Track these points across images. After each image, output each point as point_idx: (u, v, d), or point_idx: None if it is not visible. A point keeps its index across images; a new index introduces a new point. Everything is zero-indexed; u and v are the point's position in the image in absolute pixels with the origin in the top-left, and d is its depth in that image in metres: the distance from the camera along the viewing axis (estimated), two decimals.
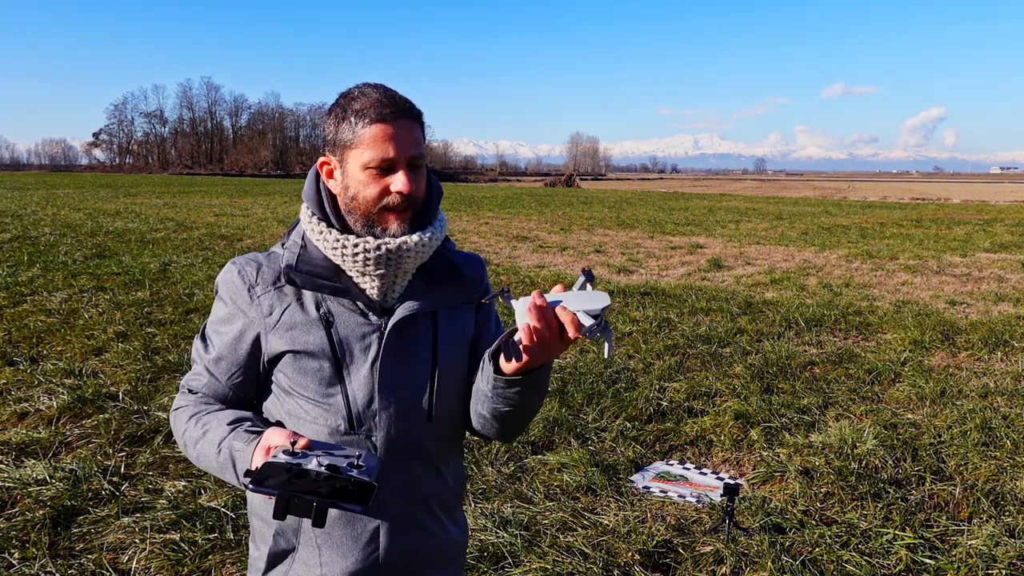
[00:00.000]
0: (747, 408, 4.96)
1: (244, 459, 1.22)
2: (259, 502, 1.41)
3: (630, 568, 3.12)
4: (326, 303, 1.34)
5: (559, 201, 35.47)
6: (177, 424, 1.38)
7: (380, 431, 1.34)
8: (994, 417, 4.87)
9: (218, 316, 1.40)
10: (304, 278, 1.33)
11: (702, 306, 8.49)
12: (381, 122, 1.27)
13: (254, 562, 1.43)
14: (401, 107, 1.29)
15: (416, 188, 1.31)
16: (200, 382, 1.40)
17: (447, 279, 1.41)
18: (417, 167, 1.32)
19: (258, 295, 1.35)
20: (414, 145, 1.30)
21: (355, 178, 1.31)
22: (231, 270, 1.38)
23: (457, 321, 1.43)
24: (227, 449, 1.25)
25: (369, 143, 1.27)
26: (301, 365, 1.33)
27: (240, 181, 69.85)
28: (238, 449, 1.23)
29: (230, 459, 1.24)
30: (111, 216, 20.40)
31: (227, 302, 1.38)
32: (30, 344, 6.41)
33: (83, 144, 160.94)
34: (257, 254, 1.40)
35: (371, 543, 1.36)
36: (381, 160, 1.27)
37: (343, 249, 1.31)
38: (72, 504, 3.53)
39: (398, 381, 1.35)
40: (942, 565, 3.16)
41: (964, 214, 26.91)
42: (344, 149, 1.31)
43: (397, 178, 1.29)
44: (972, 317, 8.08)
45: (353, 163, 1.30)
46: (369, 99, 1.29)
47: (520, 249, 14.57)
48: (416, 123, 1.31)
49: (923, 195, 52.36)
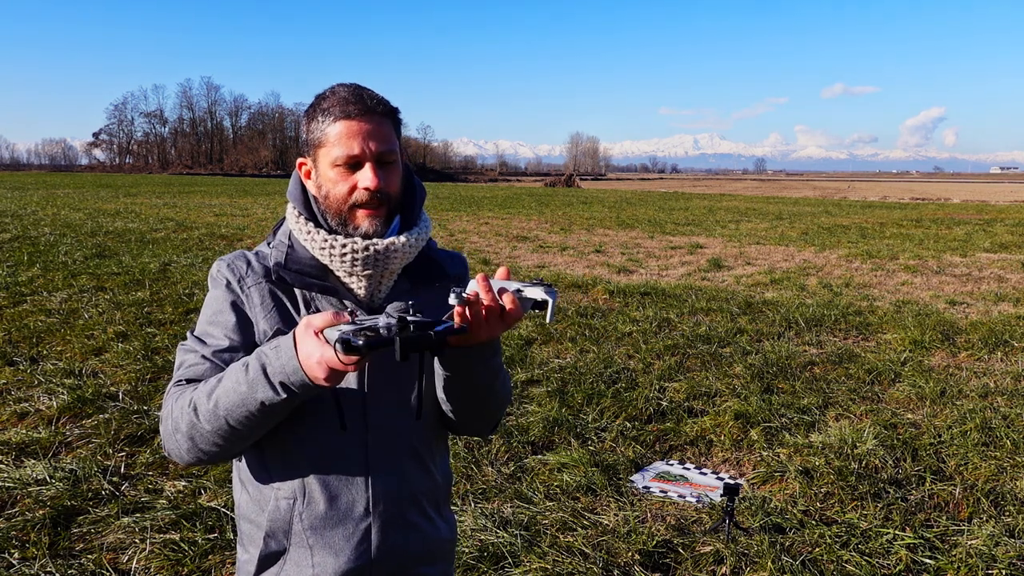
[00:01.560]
0: (747, 408, 4.95)
1: (279, 356, 1.14)
2: (248, 504, 1.39)
3: (630, 568, 3.12)
4: (314, 301, 1.35)
5: (559, 201, 35.47)
6: (180, 401, 1.26)
7: (371, 430, 1.35)
8: (994, 417, 4.87)
9: (212, 309, 1.36)
10: (293, 276, 1.34)
11: (702, 306, 8.49)
12: (346, 119, 1.28)
13: (243, 565, 1.41)
14: (368, 104, 1.29)
15: (386, 184, 1.30)
16: (197, 370, 1.30)
17: (432, 278, 1.43)
18: (387, 163, 1.31)
19: (248, 286, 1.35)
20: (382, 141, 1.29)
21: (325, 176, 1.32)
22: (220, 265, 1.39)
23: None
24: (255, 359, 1.17)
25: (335, 140, 1.28)
26: None
27: (240, 181, 69.84)
28: (269, 349, 1.16)
29: (260, 368, 1.16)
30: (111, 216, 20.40)
31: (220, 292, 1.36)
32: (30, 344, 6.41)
33: (83, 144, 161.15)
34: (244, 251, 1.41)
35: (363, 542, 1.35)
36: (347, 157, 1.28)
37: (331, 250, 1.31)
38: (72, 504, 3.53)
39: (387, 379, 1.36)
40: (942, 565, 3.16)
41: (964, 214, 26.91)
42: (315, 148, 1.32)
43: (363, 174, 1.29)
44: (972, 317, 8.08)
45: (323, 161, 1.31)
46: (337, 97, 1.30)
47: (520, 249, 14.57)
48: (386, 120, 1.31)
49: (923, 195, 52.37)
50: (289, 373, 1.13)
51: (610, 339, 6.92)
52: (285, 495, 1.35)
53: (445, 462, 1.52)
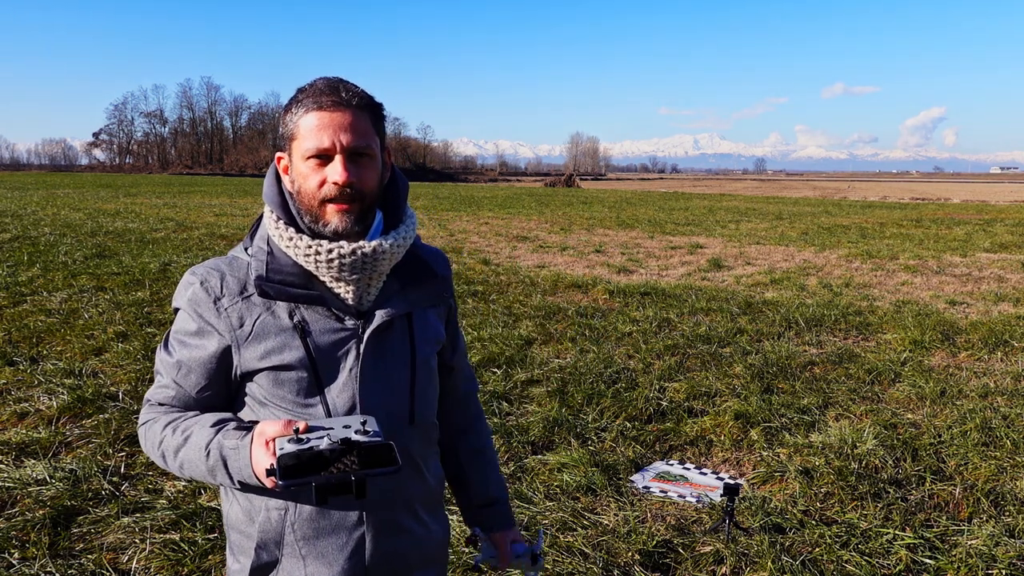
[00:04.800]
0: (747, 408, 4.95)
1: (239, 457, 1.17)
2: (237, 515, 1.37)
3: (630, 568, 3.12)
4: (299, 311, 1.29)
5: (559, 201, 35.47)
6: (150, 436, 1.32)
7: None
8: (994, 417, 4.87)
9: (184, 329, 1.32)
10: (277, 289, 1.26)
11: (702, 306, 8.49)
12: (318, 110, 1.23)
13: (233, 574, 1.39)
14: (343, 96, 1.24)
15: (358, 180, 1.25)
16: (167, 394, 1.33)
17: (421, 279, 1.39)
18: (360, 156, 1.25)
19: (225, 307, 1.28)
20: (356, 135, 1.24)
21: (298, 170, 1.27)
22: (192, 281, 1.31)
23: (429, 320, 1.42)
24: (216, 449, 1.20)
25: (306, 132, 1.24)
26: (277, 376, 1.28)
27: (240, 181, 69.80)
28: (230, 447, 1.19)
29: (220, 459, 1.20)
30: (111, 216, 20.39)
31: (192, 316, 1.30)
32: (30, 344, 6.41)
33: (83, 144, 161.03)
34: (218, 261, 1.33)
35: (357, 550, 1.33)
36: (316, 149, 1.23)
37: (316, 256, 1.25)
38: (72, 504, 3.53)
39: (379, 386, 1.32)
40: (942, 565, 3.16)
41: (964, 214, 26.91)
42: (289, 141, 1.28)
43: (332, 167, 1.24)
44: (972, 317, 8.08)
45: (296, 155, 1.27)
46: (313, 89, 1.26)
47: (520, 249, 14.57)
48: (363, 113, 1.26)
49: (923, 195, 52.35)
50: (246, 477, 1.18)
51: (610, 339, 6.92)
52: (276, 505, 1.32)
53: (437, 465, 1.51)
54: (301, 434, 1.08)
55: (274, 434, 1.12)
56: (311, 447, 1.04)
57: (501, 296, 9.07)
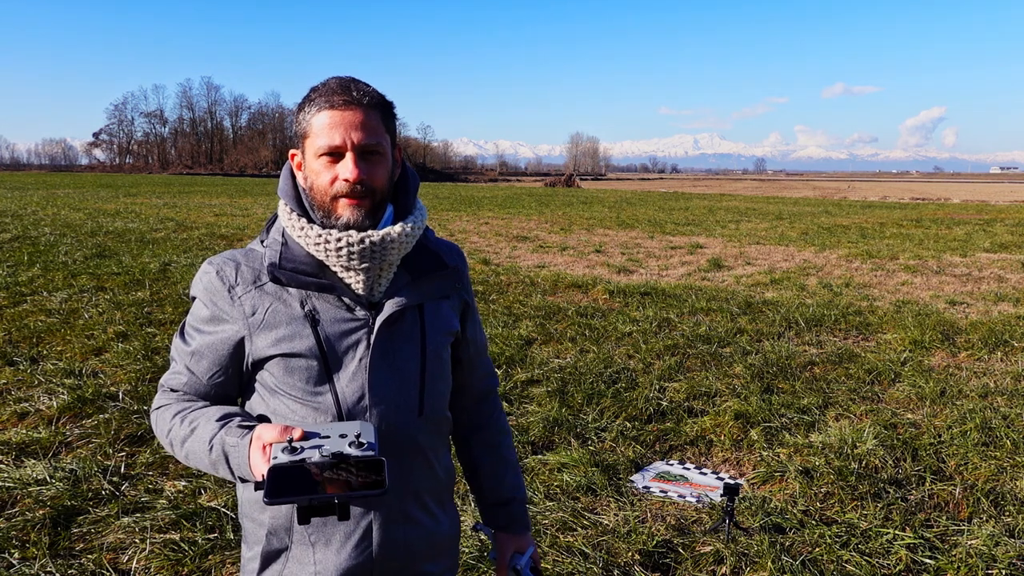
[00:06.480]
0: (747, 408, 4.95)
1: (238, 455, 1.21)
2: (249, 503, 1.40)
3: (630, 568, 3.12)
4: (311, 300, 1.32)
5: (559, 201, 35.47)
6: (160, 423, 1.36)
7: None
8: (994, 417, 4.87)
9: (199, 316, 1.36)
10: (289, 276, 1.30)
11: (702, 306, 8.49)
12: (329, 108, 1.27)
13: (247, 563, 1.42)
14: (355, 95, 1.28)
15: (369, 177, 1.28)
16: (180, 380, 1.38)
17: (432, 270, 1.40)
18: (371, 154, 1.29)
19: (239, 295, 1.32)
20: (367, 133, 1.28)
21: (311, 167, 1.31)
22: (208, 271, 1.36)
23: (441, 312, 1.43)
24: (219, 445, 1.23)
25: (318, 131, 1.28)
26: (288, 364, 1.31)
27: (240, 181, 69.83)
28: (232, 444, 1.22)
29: (223, 455, 1.23)
30: (111, 216, 20.39)
31: (207, 304, 1.35)
32: (30, 344, 6.41)
33: (83, 144, 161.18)
34: (234, 252, 1.37)
35: (365, 539, 1.35)
36: (328, 147, 1.27)
37: (326, 244, 1.29)
38: (72, 504, 3.53)
39: (389, 376, 1.34)
40: (942, 565, 3.15)
41: (964, 214, 26.91)
42: (302, 139, 1.32)
43: (344, 165, 1.27)
44: (972, 317, 8.08)
45: (309, 152, 1.31)
46: (326, 88, 1.30)
47: (520, 249, 14.57)
48: (373, 111, 1.29)
49: (923, 195, 52.36)
50: (244, 473, 1.21)
51: (610, 339, 6.92)
52: None
53: (447, 457, 1.51)
54: (296, 442, 1.10)
55: (271, 439, 1.14)
56: (303, 459, 1.06)
57: (501, 296, 9.07)
